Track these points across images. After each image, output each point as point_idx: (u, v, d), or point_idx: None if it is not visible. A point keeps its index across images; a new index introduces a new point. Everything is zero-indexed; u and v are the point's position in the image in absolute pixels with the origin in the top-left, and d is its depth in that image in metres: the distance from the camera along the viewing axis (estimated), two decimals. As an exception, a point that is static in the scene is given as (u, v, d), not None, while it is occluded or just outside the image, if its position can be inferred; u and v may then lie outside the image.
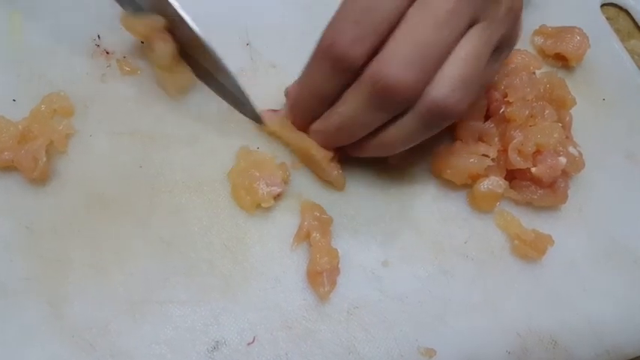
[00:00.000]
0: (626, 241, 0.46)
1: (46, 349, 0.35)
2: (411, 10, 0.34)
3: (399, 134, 0.38)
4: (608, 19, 0.59)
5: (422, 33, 0.34)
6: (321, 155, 0.41)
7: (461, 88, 0.35)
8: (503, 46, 0.39)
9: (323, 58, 0.36)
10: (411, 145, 0.39)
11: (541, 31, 0.53)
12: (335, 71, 0.36)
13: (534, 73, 0.48)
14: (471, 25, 0.35)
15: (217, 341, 0.37)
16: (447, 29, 0.34)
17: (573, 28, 0.52)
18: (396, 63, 0.34)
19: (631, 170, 0.50)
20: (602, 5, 0.60)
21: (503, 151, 0.44)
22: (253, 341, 0.37)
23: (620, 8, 0.62)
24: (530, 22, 0.54)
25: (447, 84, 0.35)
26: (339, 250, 0.40)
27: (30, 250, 0.37)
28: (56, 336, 0.35)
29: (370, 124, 0.38)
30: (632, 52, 0.57)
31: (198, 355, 0.36)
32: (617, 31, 0.58)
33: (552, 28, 0.53)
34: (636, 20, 0.61)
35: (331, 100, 0.38)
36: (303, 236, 0.40)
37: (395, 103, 0.36)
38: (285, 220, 0.41)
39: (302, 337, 0.38)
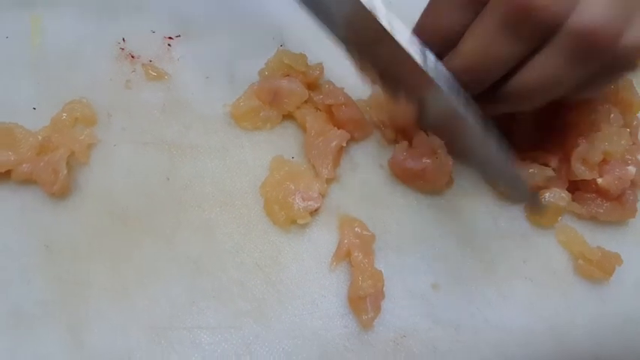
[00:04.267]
0: None
1: (64, 379, 0.33)
2: None
3: (539, 74, 0.33)
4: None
5: None
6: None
7: (615, 4, 0.31)
8: None
9: None
10: (555, 94, 0.34)
11: (601, 27, 0.50)
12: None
13: (596, 72, 0.45)
14: None
15: (250, 371, 0.35)
16: None
17: (638, 22, 0.48)
18: None
19: None
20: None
21: (565, 160, 0.41)
22: (289, 373, 0.35)
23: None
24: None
25: (598, 1, 0.30)
26: (383, 271, 0.38)
27: (48, 271, 0.36)
28: (75, 365, 0.33)
29: (505, 59, 0.33)
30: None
31: (230, 386, 0.34)
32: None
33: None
34: None
35: (456, 40, 0.34)
36: (343, 255, 0.38)
37: (534, 25, 0.31)
38: (322, 238, 0.39)
39: (343, 369, 0.35)
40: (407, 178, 0.41)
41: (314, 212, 0.39)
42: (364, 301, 0.36)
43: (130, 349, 0.35)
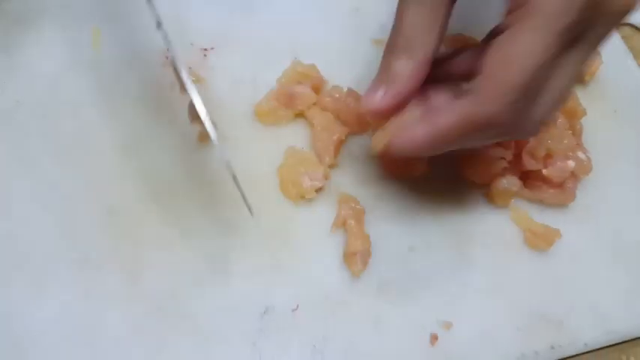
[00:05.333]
0: (630, 237, 0.48)
1: (124, 311, 0.40)
2: None
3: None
4: (623, 37, 0.60)
5: None
6: None
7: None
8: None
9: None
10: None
11: (558, 49, 0.57)
12: None
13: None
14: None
15: (267, 307, 0.42)
16: None
17: (586, 45, 0.55)
18: None
19: (638, 175, 0.52)
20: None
21: (518, 154, 0.47)
22: (297, 308, 0.42)
23: (637, 28, 0.63)
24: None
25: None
26: (370, 235, 0.44)
27: (111, 229, 0.43)
28: (133, 300, 0.40)
29: None
30: (644, 69, 0.59)
31: (252, 317, 0.41)
32: (632, 48, 0.60)
33: (568, 46, 0.56)
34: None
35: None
36: (340, 223, 0.44)
37: None
38: (324, 210, 0.45)
39: (338, 306, 0.42)
40: (392, 165, 0.47)
41: (318, 190, 0.45)
42: (355, 257, 0.42)
43: (174, 288, 0.41)
